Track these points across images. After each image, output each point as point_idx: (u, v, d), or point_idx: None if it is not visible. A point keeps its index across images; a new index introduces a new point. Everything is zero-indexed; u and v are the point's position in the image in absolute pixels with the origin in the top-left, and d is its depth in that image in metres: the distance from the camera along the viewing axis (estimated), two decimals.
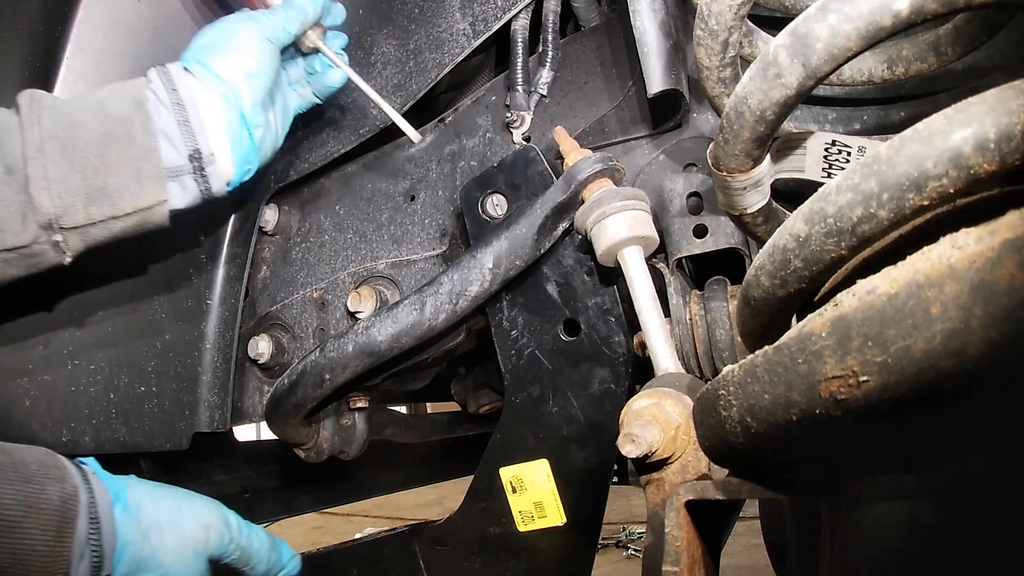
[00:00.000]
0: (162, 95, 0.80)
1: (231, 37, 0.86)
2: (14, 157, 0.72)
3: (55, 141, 0.73)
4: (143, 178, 0.77)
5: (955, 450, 0.42)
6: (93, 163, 0.75)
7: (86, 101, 0.78)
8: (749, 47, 0.77)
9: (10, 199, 0.72)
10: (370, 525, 5.02)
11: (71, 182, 0.74)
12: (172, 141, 0.79)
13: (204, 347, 1.14)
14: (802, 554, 0.65)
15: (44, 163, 0.72)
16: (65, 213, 0.74)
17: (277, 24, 0.89)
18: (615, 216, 0.86)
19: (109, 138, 0.75)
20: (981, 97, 0.37)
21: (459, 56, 1.08)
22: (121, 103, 0.77)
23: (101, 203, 0.75)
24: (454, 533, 1.09)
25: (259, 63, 0.86)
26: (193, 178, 0.81)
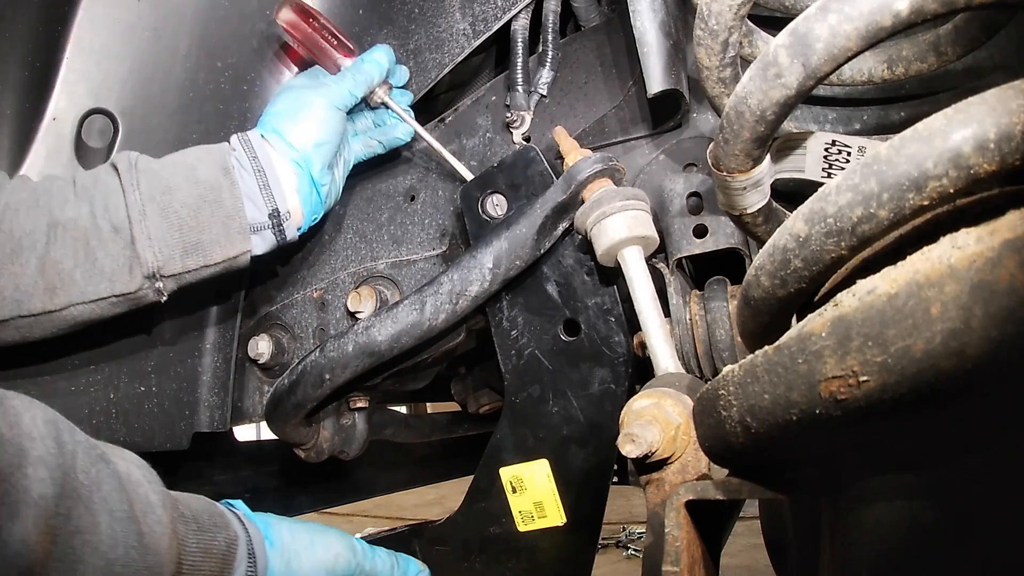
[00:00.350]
0: (244, 162, 0.92)
1: (304, 107, 0.96)
2: (120, 218, 0.85)
3: (154, 204, 0.86)
4: (231, 234, 0.90)
5: (955, 450, 0.42)
6: (188, 222, 0.87)
7: (177, 166, 0.90)
8: (749, 47, 0.77)
9: (118, 253, 0.85)
10: (370, 525, 5.02)
11: (170, 239, 0.86)
12: (255, 202, 0.91)
13: (204, 347, 1.14)
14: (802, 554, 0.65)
15: (146, 224, 0.85)
16: (165, 264, 0.87)
17: (344, 91, 0.98)
18: (615, 216, 0.86)
19: (201, 201, 0.88)
20: (981, 97, 0.37)
21: (459, 56, 1.08)
22: (210, 170, 0.89)
23: (196, 255, 0.88)
24: (454, 533, 1.09)
25: (327, 133, 0.97)
26: (272, 232, 0.94)
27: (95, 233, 0.85)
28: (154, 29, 1.07)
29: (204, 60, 1.09)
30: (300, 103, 0.97)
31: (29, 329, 0.88)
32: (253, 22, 1.10)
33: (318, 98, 0.97)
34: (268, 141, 0.95)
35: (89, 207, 0.86)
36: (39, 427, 0.61)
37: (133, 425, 1.13)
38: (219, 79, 1.09)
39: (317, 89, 0.98)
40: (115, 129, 1.08)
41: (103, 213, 0.86)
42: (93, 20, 1.04)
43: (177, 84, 1.08)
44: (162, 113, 1.09)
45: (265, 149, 0.94)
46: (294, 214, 0.96)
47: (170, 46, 1.07)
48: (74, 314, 0.87)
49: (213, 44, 1.09)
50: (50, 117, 1.05)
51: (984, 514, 0.42)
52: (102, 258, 0.85)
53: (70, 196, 0.87)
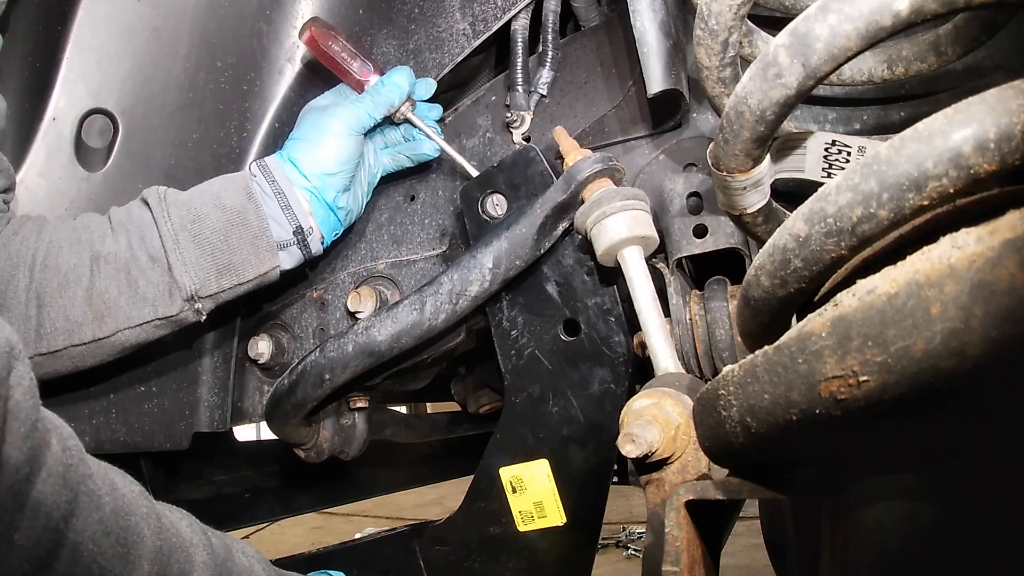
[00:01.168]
0: (265, 187, 0.97)
1: (321, 133, 1.00)
2: (155, 248, 0.92)
3: (186, 232, 0.92)
4: (260, 253, 0.96)
5: (955, 450, 0.42)
6: (219, 246, 0.93)
7: (203, 195, 0.96)
8: (749, 47, 0.76)
9: (157, 280, 0.91)
10: (370, 525, 5.01)
11: (204, 263, 0.93)
12: (279, 222, 0.97)
13: (204, 347, 1.14)
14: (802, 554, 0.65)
15: (180, 251, 0.91)
16: (202, 287, 0.93)
17: (363, 114, 1.01)
18: (615, 216, 0.86)
19: (229, 226, 0.94)
20: (981, 97, 0.37)
21: (459, 56, 1.08)
22: (234, 196, 0.95)
23: (229, 276, 0.95)
24: (454, 533, 1.09)
25: (341, 161, 1.01)
26: (298, 247, 1.00)
27: (135, 263, 0.91)
28: (154, 29, 1.07)
29: (204, 60, 1.09)
30: (317, 129, 1.01)
31: (82, 358, 0.93)
32: (253, 22, 1.10)
33: (336, 123, 1.00)
34: (283, 170, 1.00)
35: (127, 240, 0.92)
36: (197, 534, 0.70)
37: (133, 425, 1.13)
38: (219, 79, 1.09)
39: (336, 113, 1.01)
40: (115, 129, 1.08)
41: (140, 245, 0.92)
42: (93, 20, 1.04)
43: (177, 84, 1.08)
44: (162, 113, 1.09)
45: (283, 174, 0.99)
46: (316, 230, 1.02)
47: (170, 46, 1.07)
48: (122, 339, 0.93)
49: (213, 44, 1.09)
50: (50, 117, 1.05)
51: (984, 514, 0.42)
52: (143, 286, 0.91)
53: (107, 231, 0.93)
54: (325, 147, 1.00)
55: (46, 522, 0.52)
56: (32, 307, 0.89)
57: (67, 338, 0.90)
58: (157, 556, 0.63)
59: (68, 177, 1.07)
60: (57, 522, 0.53)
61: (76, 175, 1.08)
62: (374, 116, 1.02)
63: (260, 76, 1.11)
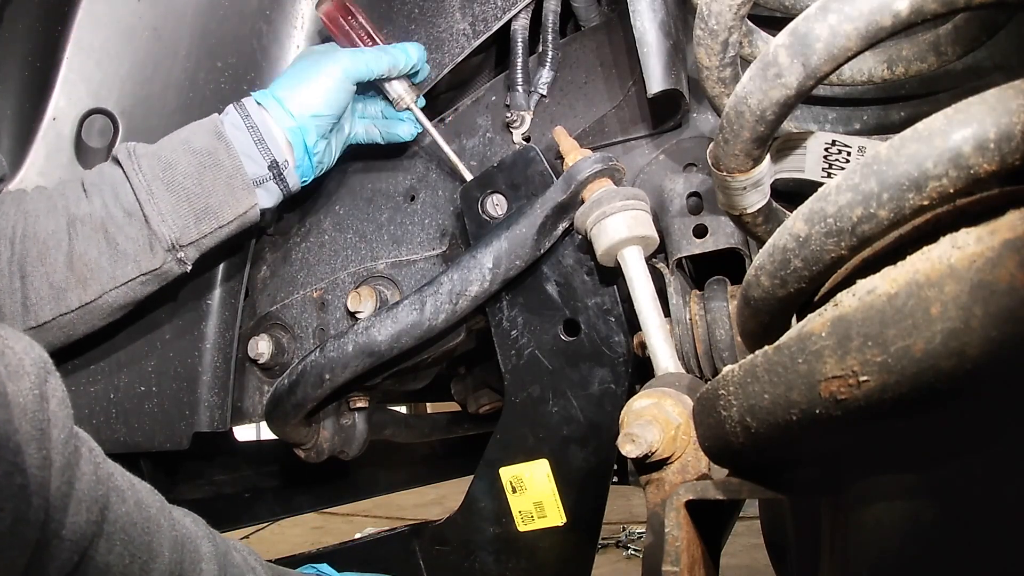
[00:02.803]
0: (237, 122, 0.95)
1: (314, 73, 0.98)
2: (130, 202, 0.90)
3: (158, 182, 0.90)
4: (235, 191, 0.94)
5: (955, 450, 0.42)
6: (194, 191, 0.91)
7: (172, 142, 0.94)
8: (749, 47, 0.76)
9: (136, 235, 0.90)
10: (370, 525, 5.01)
11: (180, 210, 0.91)
12: (252, 158, 0.95)
13: (204, 347, 1.14)
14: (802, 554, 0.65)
15: (155, 202, 0.90)
16: (182, 235, 0.91)
17: (361, 63, 0.99)
18: (615, 216, 0.86)
19: (201, 168, 0.92)
20: (981, 97, 0.37)
21: (459, 56, 1.08)
22: (203, 138, 0.93)
23: (208, 219, 0.93)
24: (454, 533, 1.09)
25: (329, 104, 0.98)
26: (275, 183, 0.97)
27: (111, 221, 0.89)
28: (154, 29, 1.07)
29: (204, 60, 1.09)
30: (310, 69, 0.98)
31: (72, 327, 0.92)
32: (253, 22, 1.10)
33: (331, 65, 0.98)
34: (265, 107, 0.97)
35: (101, 199, 0.90)
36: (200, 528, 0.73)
37: (133, 425, 1.13)
38: (219, 79, 1.09)
39: (335, 57, 0.99)
40: (115, 129, 1.08)
41: (114, 201, 0.90)
42: (93, 20, 1.04)
43: (177, 84, 1.08)
44: (162, 113, 1.09)
45: (260, 113, 0.97)
46: (291, 164, 0.99)
47: (170, 46, 1.07)
48: (109, 301, 0.91)
49: (213, 44, 1.09)
50: (50, 117, 1.05)
51: (984, 514, 0.42)
52: (123, 242, 0.90)
53: (81, 194, 0.91)
54: (316, 87, 0.97)
55: (87, 516, 0.57)
56: (16, 279, 0.88)
57: (54, 307, 0.89)
58: (175, 545, 0.66)
59: (68, 177, 1.07)
60: (96, 516, 0.58)
61: (76, 175, 1.08)
62: (372, 69, 1.00)
63: (260, 76, 1.11)
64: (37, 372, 0.54)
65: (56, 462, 0.54)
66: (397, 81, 1.06)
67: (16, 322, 0.88)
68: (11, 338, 0.55)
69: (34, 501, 0.51)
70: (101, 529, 0.59)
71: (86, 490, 0.57)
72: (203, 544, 0.72)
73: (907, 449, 0.44)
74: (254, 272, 1.25)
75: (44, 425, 0.53)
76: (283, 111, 0.97)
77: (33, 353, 0.55)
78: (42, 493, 0.52)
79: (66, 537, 0.55)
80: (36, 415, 0.53)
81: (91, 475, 0.58)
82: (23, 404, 0.52)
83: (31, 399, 0.53)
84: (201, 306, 1.14)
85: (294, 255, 1.25)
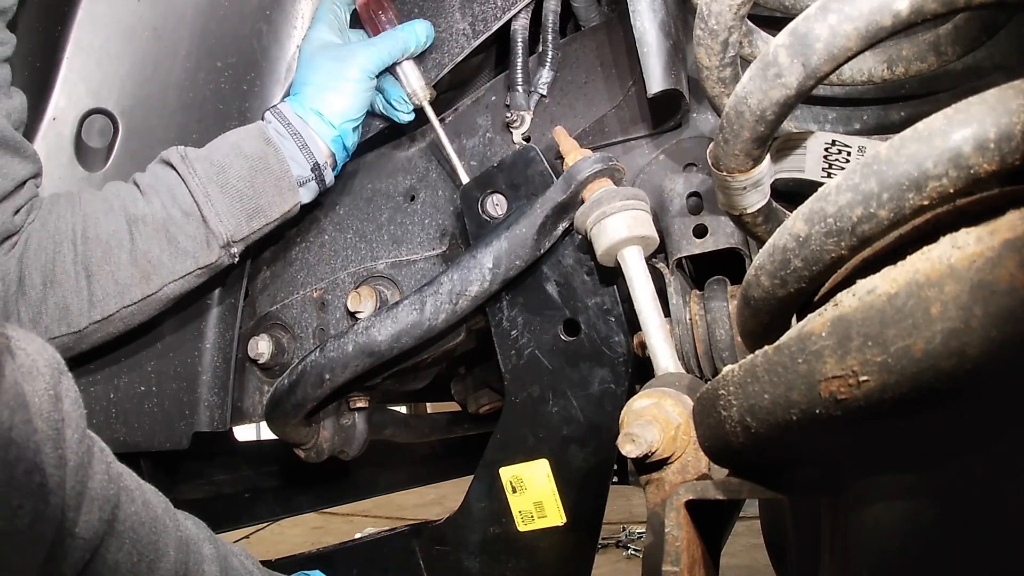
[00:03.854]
0: (281, 131, 1.03)
1: (341, 81, 1.04)
2: (188, 203, 0.97)
3: (213, 184, 0.98)
4: (283, 192, 1.02)
5: (955, 450, 0.42)
6: (246, 192, 0.99)
7: (222, 147, 1.01)
8: (749, 47, 0.76)
9: (195, 233, 0.97)
10: (370, 525, 5.01)
11: (234, 210, 0.99)
12: (296, 161, 1.03)
13: (204, 347, 1.14)
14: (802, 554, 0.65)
15: (212, 203, 0.97)
16: (235, 232, 0.99)
17: (377, 57, 1.05)
18: (615, 216, 0.86)
19: (253, 172, 1.00)
20: (981, 97, 0.37)
21: (459, 56, 1.08)
22: (253, 144, 1.01)
23: (258, 217, 1.01)
24: (454, 533, 1.09)
25: (360, 107, 1.06)
26: (315, 182, 1.06)
27: (171, 221, 0.97)
28: (154, 29, 1.07)
29: (204, 60, 1.09)
30: (337, 77, 1.04)
31: (132, 317, 0.99)
32: (253, 22, 1.10)
33: (355, 69, 1.04)
34: (305, 119, 1.04)
35: (159, 200, 0.97)
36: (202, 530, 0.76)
37: (133, 425, 1.13)
38: (219, 79, 1.09)
39: (353, 57, 1.04)
40: (115, 129, 1.08)
41: (172, 203, 0.97)
42: (93, 20, 1.04)
43: (177, 84, 1.08)
44: (162, 113, 1.09)
45: (299, 120, 1.04)
46: (329, 163, 1.08)
47: (170, 46, 1.07)
48: (168, 292, 0.98)
49: (213, 44, 1.09)
50: (50, 117, 1.05)
51: (984, 514, 0.42)
52: (183, 240, 0.97)
53: (138, 195, 0.98)
54: (347, 93, 1.04)
55: (99, 515, 0.58)
56: (82, 279, 0.94)
57: (118, 301, 0.96)
58: (180, 545, 0.69)
59: (68, 177, 1.07)
60: (107, 515, 0.59)
61: (76, 175, 1.08)
62: (387, 59, 1.05)
63: (260, 76, 1.11)
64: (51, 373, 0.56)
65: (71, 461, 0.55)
66: (414, 77, 1.08)
67: (83, 317, 0.94)
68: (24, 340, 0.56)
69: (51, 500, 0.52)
70: (112, 528, 0.60)
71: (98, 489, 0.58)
72: (205, 546, 0.74)
73: (907, 449, 0.44)
74: (254, 272, 1.25)
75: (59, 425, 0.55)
76: (324, 123, 1.04)
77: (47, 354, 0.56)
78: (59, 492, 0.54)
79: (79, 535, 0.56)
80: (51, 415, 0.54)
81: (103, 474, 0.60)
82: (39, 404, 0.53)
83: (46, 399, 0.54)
84: (201, 306, 1.14)
85: (294, 255, 1.25)
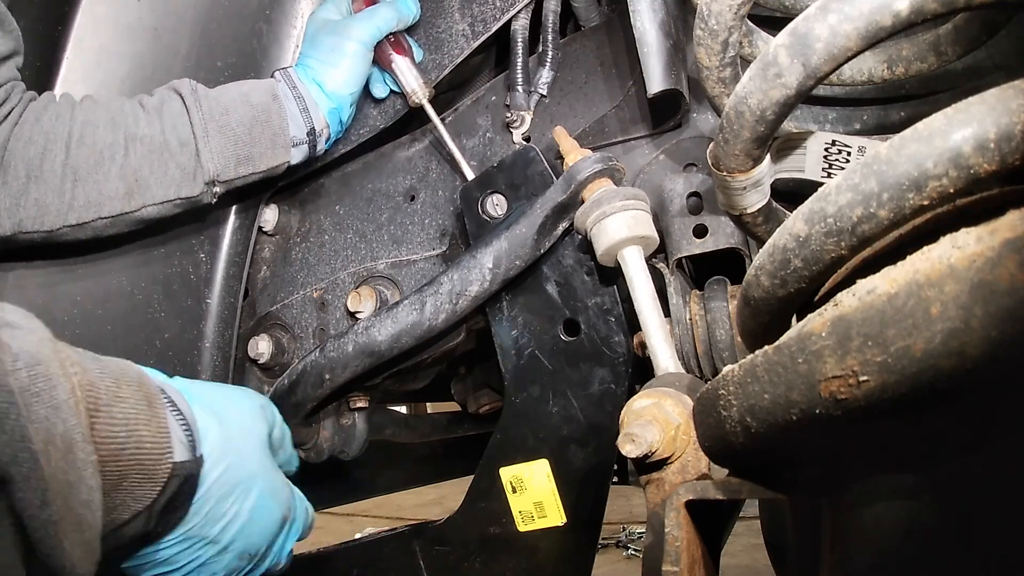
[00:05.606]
0: (287, 91, 1.06)
1: (340, 55, 1.07)
2: (186, 134, 0.99)
3: (214, 122, 1.00)
4: (276, 148, 1.05)
5: (955, 450, 0.42)
6: (243, 138, 1.02)
7: (231, 92, 1.04)
8: (749, 47, 0.76)
9: (185, 163, 0.99)
10: (370, 525, 5.01)
11: (227, 151, 1.01)
12: (296, 122, 1.06)
13: (204, 347, 1.14)
14: (802, 554, 0.65)
15: (208, 139, 1.00)
16: (222, 172, 1.01)
17: (375, 28, 1.07)
18: (615, 216, 0.86)
19: (253, 121, 1.03)
20: (981, 97, 0.37)
21: (459, 57, 1.08)
22: (261, 95, 1.04)
23: (247, 165, 1.03)
24: (454, 533, 1.09)
25: (358, 81, 1.09)
26: (307, 146, 1.08)
27: (166, 147, 0.98)
28: (154, 29, 1.07)
29: (204, 60, 1.09)
30: (337, 51, 1.07)
31: (104, 229, 1.00)
32: (253, 22, 1.10)
33: (354, 43, 1.07)
34: (308, 88, 1.06)
35: (160, 125, 0.99)
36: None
37: None
38: (219, 79, 1.09)
39: (352, 30, 1.07)
40: None
41: (171, 130, 0.99)
42: (93, 20, 1.04)
43: None
44: None
45: (305, 87, 1.07)
46: (324, 132, 1.10)
47: (170, 46, 1.07)
48: (144, 214, 1.00)
49: (213, 44, 1.09)
50: None
51: (984, 514, 0.42)
52: (172, 168, 0.99)
53: (141, 114, 0.99)
54: (347, 67, 1.07)
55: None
56: (68, 181, 0.95)
57: (96, 211, 0.97)
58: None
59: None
60: None
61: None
62: (385, 29, 1.08)
63: (260, 76, 1.11)
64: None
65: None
66: (412, 76, 1.09)
67: (59, 219, 0.95)
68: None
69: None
70: None
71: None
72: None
73: (907, 449, 0.44)
74: (254, 272, 1.25)
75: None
76: (323, 95, 1.07)
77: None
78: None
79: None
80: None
81: None
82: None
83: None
84: (200, 306, 1.14)
85: (294, 255, 1.25)
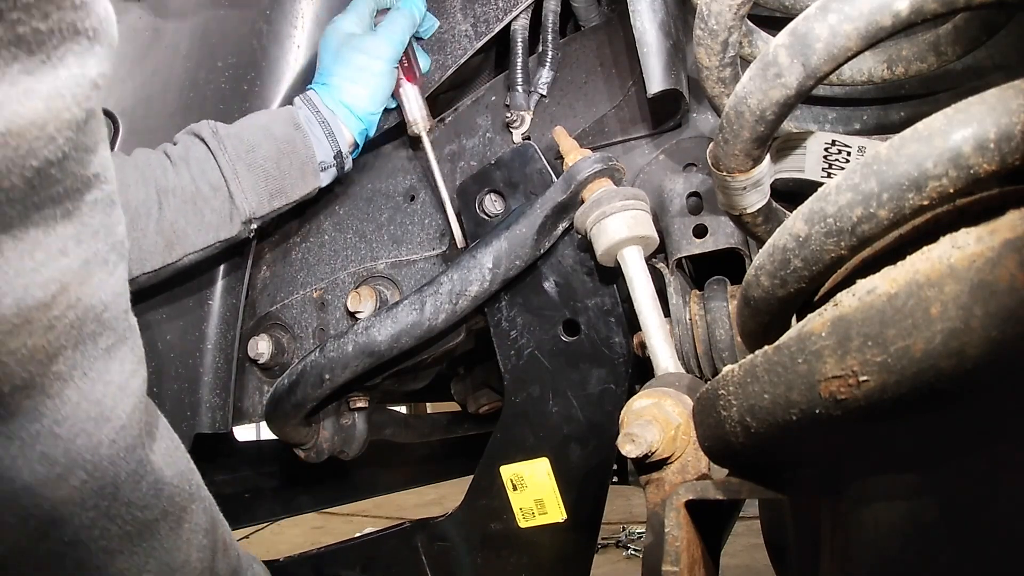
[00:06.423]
0: (310, 117, 1.06)
1: (368, 75, 1.06)
2: (216, 178, 1.01)
3: (241, 162, 1.01)
4: (306, 176, 1.06)
5: (955, 450, 0.42)
6: (272, 173, 1.03)
7: (253, 128, 1.04)
8: (749, 47, 0.76)
9: (220, 207, 1.01)
10: (370, 525, 5.01)
11: (259, 188, 1.03)
12: (322, 147, 1.06)
13: (205, 348, 1.14)
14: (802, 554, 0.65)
15: (239, 180, 1.01)
16: (258, 209, 1.03)
17: (398, 43, 1.07)
18: (615, 216, 0.86)
19: (280, 154, 1.04)
20: (981, 97, 0.37)
21: (462, 58, 1.08)
22: (283, 127, 1.04)
23: (280, 198, 1.05)
24: (456, 529, 1.09)
25: (385, 98, 1.10)
26: (335, 168, 1.09)
27: (199, 195, 1.00)
28: (154, 29, 1.07)
29: (204, 60, 1.09)
30: (365, 71, 1.07)
31: (147, 282, 1.02)
32: (253, 22, 1.10)
33: (379, 62, 1.06)
34: (335, 111, 1.06)
35: (189, 174, 1.00)
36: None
37: None
38: (219, 79, 1.09)
39: (376, 49, 1.07)
40: (115, 129, 1.08)
41: (201, 177, 1.00)
42: None
43: (177, 84, 1.08)
44: (162, 113, 1.09)
45: (327, 110, 1.07)
46: (351, 150, 1.11)
47: (170, 46, 1.07)
48: (186, 262, 1.02)
49: (213, 44, 1.09)
50: None
51: (984, 514, 0.42)
52: (208, 214, 1.01)
53: (168, 166, 1.00)
54: (374, 87, 1.07)
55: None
56: None
57: (138, 267, 0.98)
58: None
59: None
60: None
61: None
62: (405, 41, 1.08)
63: (260, 76, 1.11)
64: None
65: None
66: (416, 106, 1.10)
67: None
68: None
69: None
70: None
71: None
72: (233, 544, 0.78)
73: (907, 449, 0.44)
74: (254, 272, 1.25)
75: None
76: (352, 116, 1.07)
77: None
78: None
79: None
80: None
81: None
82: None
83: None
84: (202, 306, 1.14)
85: (294, 255, 1.25)
